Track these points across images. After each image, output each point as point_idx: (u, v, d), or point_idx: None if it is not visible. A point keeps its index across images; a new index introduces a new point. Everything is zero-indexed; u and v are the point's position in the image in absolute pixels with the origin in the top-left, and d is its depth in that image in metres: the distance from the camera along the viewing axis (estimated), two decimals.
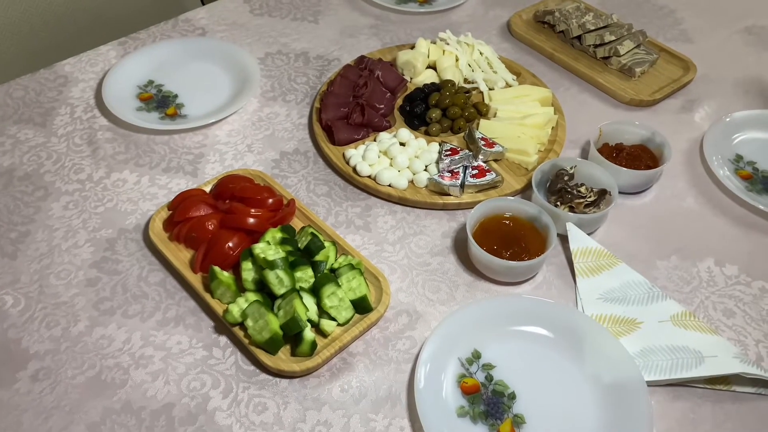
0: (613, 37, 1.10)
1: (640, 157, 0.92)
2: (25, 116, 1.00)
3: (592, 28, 1.12)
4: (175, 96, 1.04)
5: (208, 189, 0.88)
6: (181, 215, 0.82)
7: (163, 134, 0.98)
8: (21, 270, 0.80)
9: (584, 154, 0.97)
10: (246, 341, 0.72)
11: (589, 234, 0.85)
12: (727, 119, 1.00)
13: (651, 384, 0.70)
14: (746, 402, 0.71)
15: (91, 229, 0.85)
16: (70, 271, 0.80)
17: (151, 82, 1.06)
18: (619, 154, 0.92)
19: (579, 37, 1.13)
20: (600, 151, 0.92)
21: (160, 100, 1.03)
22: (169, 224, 0.83)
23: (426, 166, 0.91)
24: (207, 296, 0.76)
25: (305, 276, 0.76)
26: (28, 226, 0.85)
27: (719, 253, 0.85)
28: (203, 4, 1.30)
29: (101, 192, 0.89)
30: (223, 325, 0.75)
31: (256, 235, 0.80)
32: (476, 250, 0.78)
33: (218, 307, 0.75)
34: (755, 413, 0.70)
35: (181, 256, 0.80)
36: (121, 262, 0.81)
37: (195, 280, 0.78)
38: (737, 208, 0.90)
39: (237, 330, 0.73)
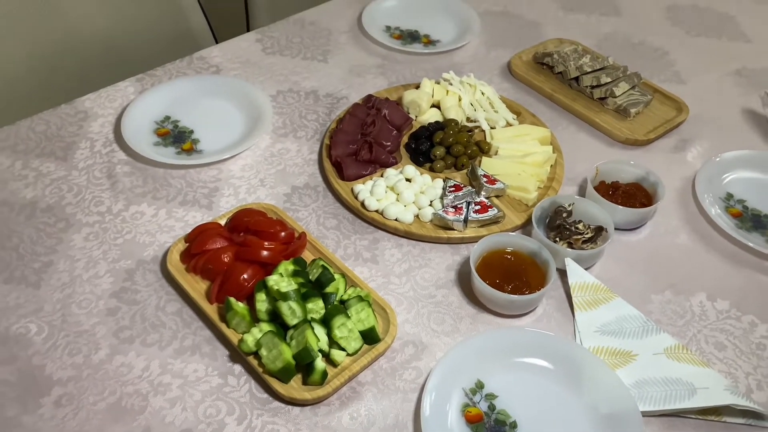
0: (609, 79, 1.15)
1: (635, 195, 0.96)
2: (47, 150, 1.04)
3: (589, 70, 1.18)
4: (191, 131, 1.08)
5: (223, 222, 0.92)
6: (198, 248, 0.86)
7: (179, 168, 1.02)
8: (44, 299, 0.84)
9: (581, 191, 1.02)
10: (260, 370, 0.75)
11: (586, 269, 0.89)
12: (718, 159, 1.05)
13: (646, 414, 0.74)
14: None
15: (110, 260, 0.89)
16: (91, 301, 0.84)
17: (167, 117, 1.11)
18: (615, 192, 0.97)
19: (576, 79, 1.18)
20: (597, 188, 0.96)
21: (176, 136, 1.07)
22: (186, 256, 0.87)
23: (431, 202, 0.95)
24: (222, 326, 0.79)
25: (316, 307, 0.79)
26: (51, 256, 0.89)
27: (711, 288, 0.89)
28: (216, 42, 1.36)
29: (120, 224, 0.93)
30: (237, 354, 0.79)
31: (269, 267, 0.84)
32: (479, 284, 0.82)
33: (233, 337, 0.78)
34: None
35: (197, 287, 0.84)
36: (140, 292, 0.85)
37: (211, 310, 0.81)
38: (728, 245, 0.95)
39: (251, 359, 0.76)
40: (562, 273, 0.88)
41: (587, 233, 0.89)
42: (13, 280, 0.86)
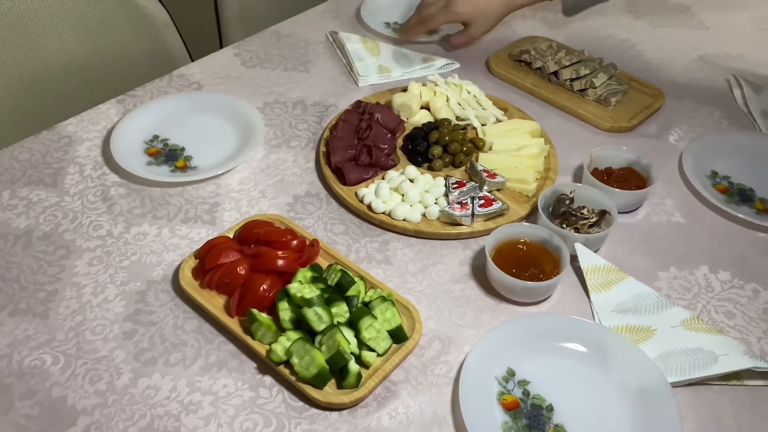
0: (587, 71, 1.19)
1: (629, 178, 1.00)
2: (35, 178, 1.01)
3: (568, 63, 1.21)
4: (182, 149, 1.07)
5: (231, 235, 0.90)
6: (211, 262, 0.84)
7: (176, 186, 1.00)
8: (55, 328, 0.81)
9: (577, 179, 1.05)
10: (293, 378, 0.74)
11: (594, 252, 0.91)
12: (700, 139, 1.10)
13: (674, 385, 0.76)
14: (758, 394, 0.77)
15: (119, 283, 0.86)
16: (105, 326, 0.81)
17: (156, 137, 1.09)
18: (610, 177, 1.00)
19: (555, 73, 1.22)
20: (592, 174, 0.99)
21: (168, 154, 1.05)
22: (199, 272, 0.85)
23: (436, 200, 0.96)
24: (248, 338, 0.78)
25: (341, 311, 0.79)
26: (55, 285, 0.86)
27: (711, 261, 0.92)
28: (192, 59, 1.34)
29: (123, 246, 0.91)
30: (265, 365, 0.77)
31: (286, 276, 0.83)
32: (498, 274, 0.83)
33: (261, 348, 0.77)
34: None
35: (215, 302, 0.82)
36: (155, 312, 0.83)
37: (233, 324, 0.80)
38: (720, 219, 0.99)
39: (282, 368, 0.75)
40: (572, 258, 0.90)
41: (592, 217, 0.91)
42: (19, 312, 0.82)
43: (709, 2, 1.53)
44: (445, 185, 0.98)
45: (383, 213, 0.95)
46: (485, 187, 0.98)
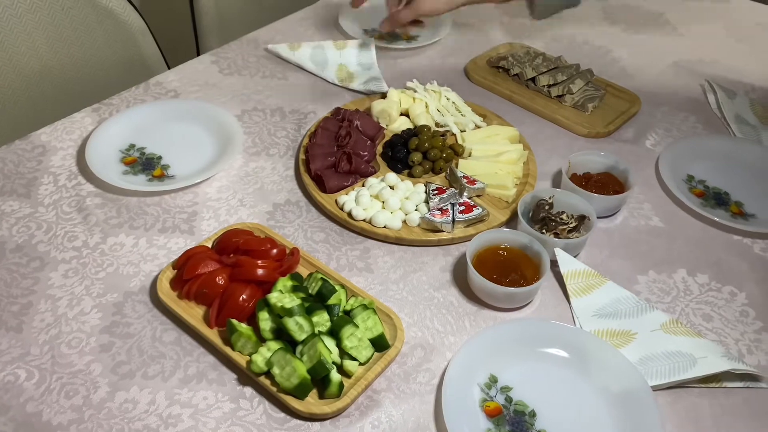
0: (564, 77, 1.20)
1: (608, 183, 1.01)
2: (7, 188, 0.99)
3: (545, 69, 1.22)
4: (159, 157, 1.05)
5: (209, 245, 0.89)
6: (190, 273, 0.83)
7: (153, 196, 0.99)
8: (29, 342, 0.79)
9: (555, 184, 1.05)
10: (274, 389, 0.73)
11: (574, 257, 0.92)
12: (676, 144, 1.11)
13: (654, 388, 0.77)
14: (737, 396, 0.78)
15: (95, 294, 0.85)
16: (81, 339, 0.79)
17: (132, 145, 1.07)
18: (588, 182, 1.01)
19: (533, 79, 1.23)
20: (570, 180, 1.00)
21: (144, 163, 1.04)
22: (177, 282, 0.84)
23: (416, 206, 0.96)
24: (227, 349, 0.77)
25: (322, 320, 0.78)
26: (29, 297, 0.84)
27: (689, 265, 0.93)
28: (168, 68, 1.33)
29: (99, 257, 0.89)
30: (246, 377, 0.76)
31: (265, 285, 0.83)
32: (479, 280, 0.83)
33: (241, 359, 0.76)
34: (747, 405, 0.77)
35: (193, 312, 0.81)
36: (132, 324, 0.81)
37: (212, 335, 0.79)
38: (697, 223, 1.00)
39: (263, 379, 0.74)
40: (552, 263, 0.90)
41: (571, 223, 0.92)
42: None
43: (683, 10, 1.55)
44: (426, 192, 0.98)
45: (364, 220, 0.94)
46: (465, 194, 0.98)
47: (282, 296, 0.78)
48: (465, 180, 0.99)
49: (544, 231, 0.92)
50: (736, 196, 1.04)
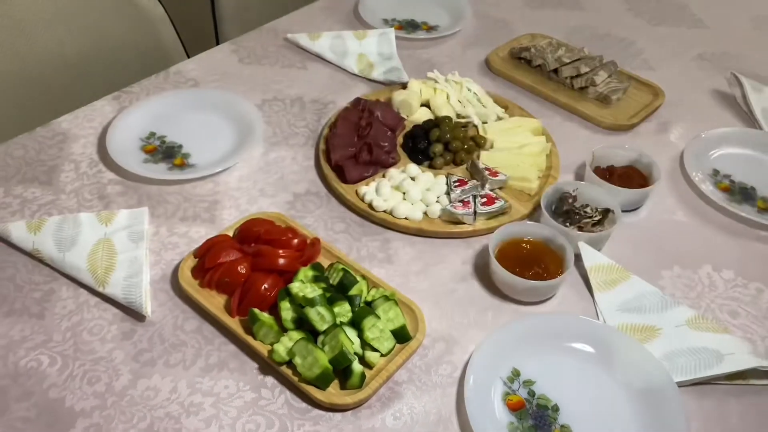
0: (587, 69, 1.19)
1: (632, 176, 0.99)
2: (29, 175, 0.99)
3: (568, 61, 1.21)
4: (180, 146, 1.05)
5: (231, 234, 0.89)
6: (211, 261, 0.83)
7: (174, 184, 0.99)
8: (52, 329, 0.79)
9: (578, 177, 1.04)
10: (295, 379, 0.73)
11: (597, 251, 0.90)
12: (701, 137, 1.09)
13: (679, 384, 0.75)
14: (765, 392, 0.77)
15: None
16: (103, 326, 0.80)
17: (153, 134, 1.07)
18: (612, 175, 0.99)
19: (555, 70, 1.21)
20: (594, 173, 0.98)
21: (165, 151, 1.04)
22: (199, 271, 0.84)
23: (437, 198, 0.95)
24: (249, 339, 0.77)
25: (343, 311, 0.78)
26: (51, 284, 0.84)
27: (715, 260, 0.92)
28: (188, 56, 1.32)
29: None
30: (267, 366, 0.76)
31: (287, 275, 0.82)
32: (502, 273, 0.82)
33: (262, 349, 0.76)
34: None
35: (215, 301, 0.81)
36: (154, 312, 0.81)
37: (234, 324, 0.78)
38: (722, 218, 0.98)
39: (284, 369, 0.74)
40: (575, 257, 0.89)
41: (596, 216, 0.91)
42: (14, 312, 0.81)
43: (708, 1, 1.52)
44: (447, 183, 0.97)
45: (384, 211, 0.94)
46: (487, 186, 0.97)
47: (303, 286, 0.78)
48: (487, 172, 0.98)
49: (567, 224, 0.90)
50: (763, 191, 1.02)
